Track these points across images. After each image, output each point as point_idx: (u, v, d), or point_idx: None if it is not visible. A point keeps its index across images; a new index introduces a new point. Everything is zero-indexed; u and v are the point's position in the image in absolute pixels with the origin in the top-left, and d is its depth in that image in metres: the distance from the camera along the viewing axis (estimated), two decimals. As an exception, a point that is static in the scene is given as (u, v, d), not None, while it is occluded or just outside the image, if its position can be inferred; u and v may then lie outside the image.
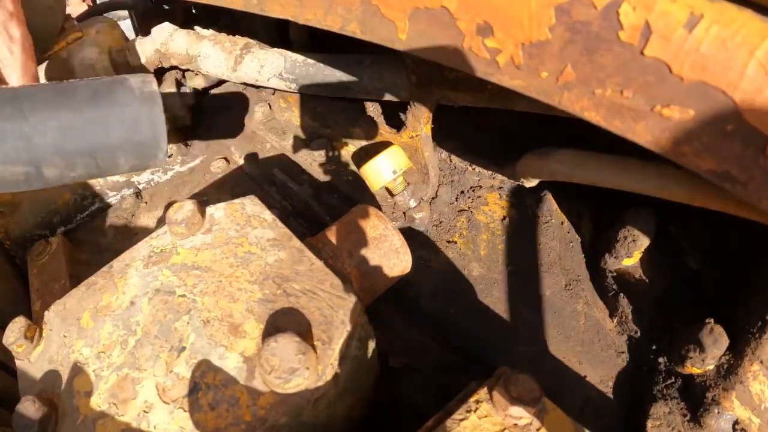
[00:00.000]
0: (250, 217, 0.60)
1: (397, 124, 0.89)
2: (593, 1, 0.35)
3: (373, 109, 0.95)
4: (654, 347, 0.72)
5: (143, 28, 1.32)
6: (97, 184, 0.92)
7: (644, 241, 0.73)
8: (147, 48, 0.94)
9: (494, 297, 0.78)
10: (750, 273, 0.70)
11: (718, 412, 0.62)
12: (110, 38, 0.95)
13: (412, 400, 0.69)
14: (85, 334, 0.52)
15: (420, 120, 0.76)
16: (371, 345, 0.58)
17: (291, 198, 0.90)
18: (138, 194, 0.96)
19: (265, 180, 0.94)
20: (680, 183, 0.43)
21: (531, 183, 0.68)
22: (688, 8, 0.32)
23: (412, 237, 0.82)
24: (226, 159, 0.99)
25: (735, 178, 0.35)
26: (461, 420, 0.48)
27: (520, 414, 0.47)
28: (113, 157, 0.56)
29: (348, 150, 0.93)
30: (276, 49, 0.91)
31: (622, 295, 0.76)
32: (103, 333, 0.51)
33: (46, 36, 0.71)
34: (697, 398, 0.65)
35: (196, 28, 0.97)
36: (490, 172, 0.87)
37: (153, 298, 0.52)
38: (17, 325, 0.52)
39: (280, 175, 0.92)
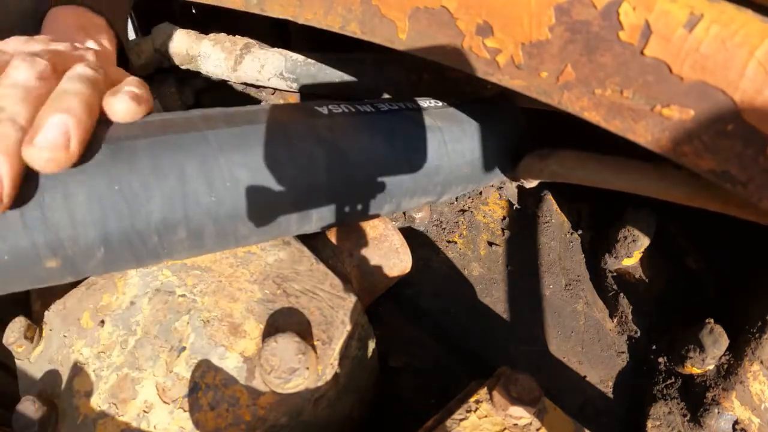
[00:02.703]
0: (250, 217, 0.60)
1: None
2: (593, 1, 0.35)
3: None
4: (654, 347, 0.72)
5: (143, 28, 1.32)
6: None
7: (644, 241, 0.73)
8: (147, 48, 0.94)
9: (494, 297, 0.78)
10: (750, 273, 0.70)
11: (718, 412, 0.62)
12: (110, 38, 0.95)
13: (412, 400, 0.69)
14: (85, 334, 0.52)
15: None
16: (371, 345, 0.58)
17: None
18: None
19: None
20: (680, 184, 0.43)
21: (531, 184, 0.68)
22: (688, 8, 0.32)
23: (412, 237, 0.82)
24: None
25: (735, 178, 0.35)
26: (461, 420, 0.48)
27: (520, 414, 0.47)
28: None
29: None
30: (276, 48, 0.91)
31: (622, 295, 0.76)
32: (103, 333, 0.51)
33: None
34: (697, 398, 0.65)
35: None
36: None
37: (153, 298, 0.52)
38: (17, 325, 0.52)
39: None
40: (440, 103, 0.64)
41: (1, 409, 0.70)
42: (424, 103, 0.62)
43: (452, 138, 0.59)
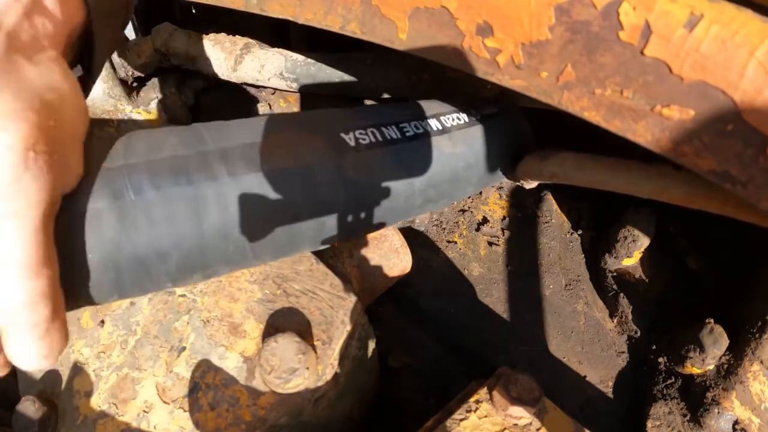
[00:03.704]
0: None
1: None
2: (593, 1, 0.35)
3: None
4: (654, 347, 0.72)
5: (143, 28, 1.32)
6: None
7: (644, 241, 0.73)
8: (147, 48, 0.94)
9: (494, 297, 0.78)
10: (750, 273, 0.70)
11: (718, 412, 0.62)
12: (110, 38, 0.95)
13: (412, 400, 0.69)
14: (85, 334, 0.52)
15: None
16: (371, 345, 0.58)
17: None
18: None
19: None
20: (680, 186, 0.43)
21: (531, 185, 0.67)
22: (688, 8, 0.32)
23: (412, 237, 0.82)
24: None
25: (735, 178, 0.35)
26: (461, 420, 0.48)
27: (520, 414, 0.47)
28: None
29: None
30: (276, 48, 0.91)
31: (622, 295, 0.76)
32: (103, 333, 0.51)
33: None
34: (697, 398, 0.65)
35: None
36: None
37: (153, 297, 0.52)
38: (17, 325, 0.52)
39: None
40: (462, 120, 0.61)
41: (1, 409, 0.70)
42: (448, 121, 0.60)
43: (469, 164, 0.58)
